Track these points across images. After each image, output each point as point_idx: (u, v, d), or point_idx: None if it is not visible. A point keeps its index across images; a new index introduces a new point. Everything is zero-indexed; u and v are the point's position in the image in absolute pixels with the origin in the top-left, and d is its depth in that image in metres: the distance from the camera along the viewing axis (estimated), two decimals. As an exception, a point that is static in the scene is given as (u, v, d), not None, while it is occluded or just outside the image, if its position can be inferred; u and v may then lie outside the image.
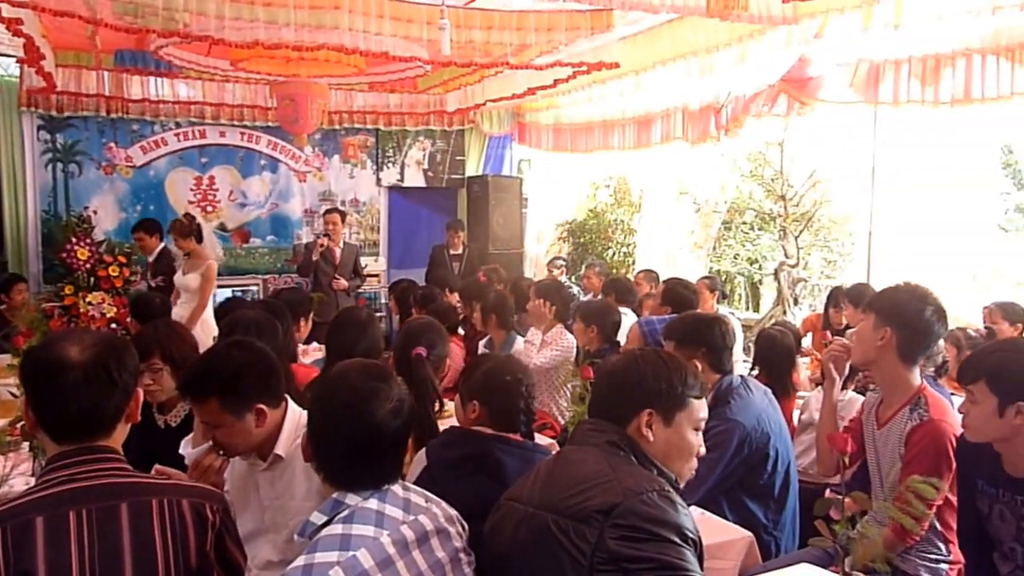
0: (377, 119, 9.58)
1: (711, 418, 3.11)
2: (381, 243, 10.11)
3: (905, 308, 2.74)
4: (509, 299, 5.58)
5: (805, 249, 8.28)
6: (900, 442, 2.73)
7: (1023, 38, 5.02)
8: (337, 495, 1.77)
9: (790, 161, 7.47)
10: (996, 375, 2.33)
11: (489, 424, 2.44)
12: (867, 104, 6.07)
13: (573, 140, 9.28)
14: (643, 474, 1.84)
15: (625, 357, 2.14)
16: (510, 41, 5.69)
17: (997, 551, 2.49)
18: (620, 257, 9.23)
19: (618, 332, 4.62)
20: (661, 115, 7.93)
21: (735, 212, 9.17)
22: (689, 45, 6.48)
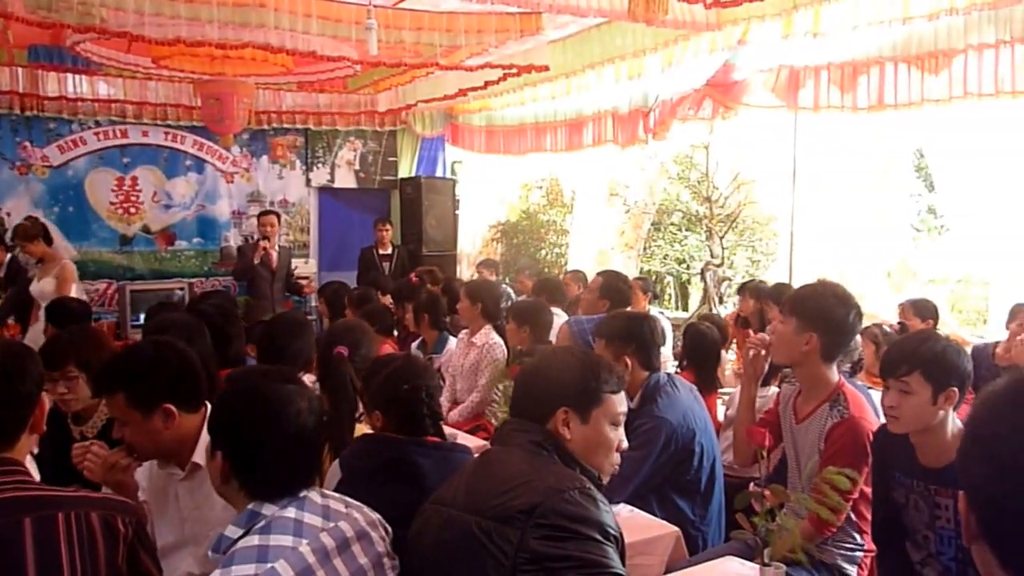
0: (307, 119, 9.46)
1: (639, 416, 3.19)
2: (311, 245, 9.96)
3: (830, 313, 2.80)
4: (441, 300, 5.59)
5: (730, 249, 8.46)
6: (820, 438, 2.80)
7: (932, 47, 5.20)
8: (253, 506, 1.72)
9: (716, 164, 7.62)
10: (931, 365, 2.40)
11: (395, 432, 2.42)
12: (788, 109, 6.23)
13: (506, 142, 9.30)
14: (565, 472, 1.85)
15: (539, 357, 2.17)
16: (440, 42, 5.69)
17: (910, 540, 2.58)
18: (553, 258, 9.29)
19: (550, 332, 4.65)
20: (592, 118, 8.01)
21: (664, 213, 9.33)
22: (617, 49, 6.57)
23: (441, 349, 5.35)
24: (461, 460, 2.31)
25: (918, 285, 6.44)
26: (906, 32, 5.31)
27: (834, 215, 6.71)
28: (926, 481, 2.47)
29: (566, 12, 4.90)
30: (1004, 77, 4.89)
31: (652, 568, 2.84)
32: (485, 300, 5.00)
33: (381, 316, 5.75)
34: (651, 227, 9.12)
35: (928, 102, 5.35)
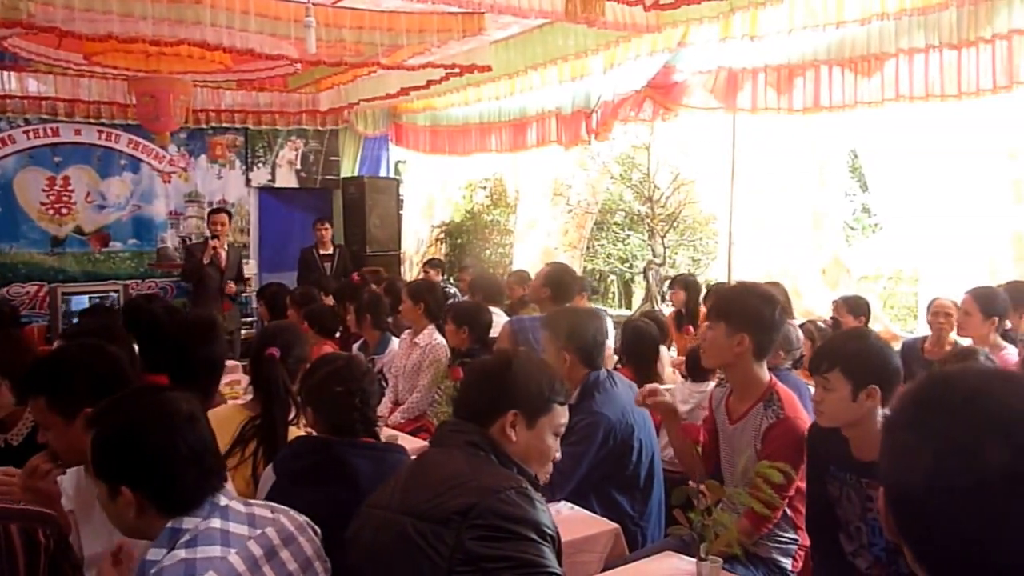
0: (246, 118, 9.32)
1: (577, 412, 3.20)
2: (252, 246, 9.81)
3: (758, 314, 2.84)
4: (384, 300, 5.54)
5: (672, 248, 8.57)
6: (756, 438, 2.83)
7: (865, 51, 5.33)
8: (172, 523, 1.67)
9: (657, 164, 7.71)
10: (850, 362, 2.46)
11: (327, 432, 2.41)
12: (727, 111, 6.33)
13: (451, 142, 9.27)
14: (502, 473, 1.85)
15: (498, 357, 2.16)
16: (381, 41, 5.65)
17: (843, 531, 2.63)
18: (497, 257, 9.30)
19: (489, 332, 4.65)
20: (536, 118, 8.03)
21: (607, 213, 9.41)
22: (560, 50, 6.60)
23: (383, 350, 5.31)
24: (396, 461, 2.30)
25: (852, 282, 6.59)
26: (840, 36, 5.43)
27: (771, 214, 6.83)
28: (859, 474, 2.52)
29: (507, 12, 4.91)
30: (933, 80, 5.03)
31: (591, 565, 2.85)
32: (427, 300, 4.98)
33: (324, 316, 5.69)
34: (594, 227, 9.19)
35: (861, 104, 5.48)
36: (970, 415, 1.09)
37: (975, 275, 5.38)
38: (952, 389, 1.14)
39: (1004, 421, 1.07)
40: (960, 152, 5.55)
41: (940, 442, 1.09)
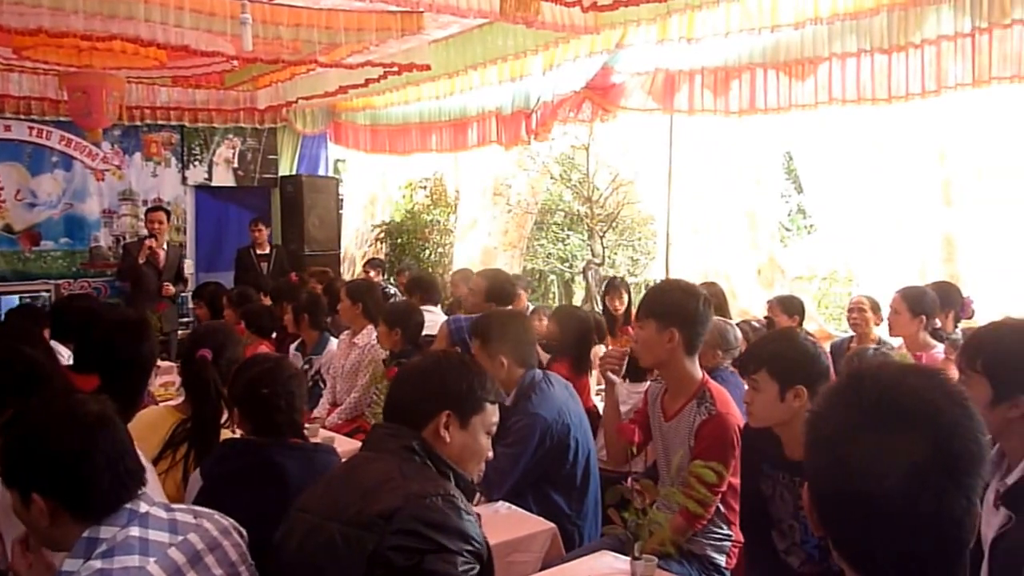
0: (182, 115, 9.15)
1: (514, 412, 3.22)
2: (188, 245, 9.61)
3: (684, 308, 2.88)
4: (322, 300, 5.48)
5: (611, 248, 8.64)
6: (690, 435, 2.87)
7: (799, 55, 5.44)
8: (88, 532, 1.62)
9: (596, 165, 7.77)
10: (775, 363, 2.51)
11: (255, 434, 2.38)
12: (664, 112, 6.41)
13: (391, 141, 9.22)
14: (432, 478, 1.83)
15: (426, 359, 2.15)
16: (319, 39, 5.60)
17: (776, 529, 2.67)
18: (436, 257, 9.27)
19: (421, 333, 4.62)
20: (476, 118, 8.02)
21: (546, 213, 9.45)
22: (499, 50, 6.61)
23: (321, 350, 5.25)
24: (325, 462, 2.28)
25: (786, 282, 6.72)
26: (775, 40, 5.54)
27: (708, 215, 6.94)
28: (791, 472, 2.56)
29: (446, 12, 4.90)
30: (865, 84, 5.15)
31: (528, 565, 2.86)
32: (366, 300, 4.94)
33: (260, 316, 5.62)
34: (534, 226, 9.22)
35: (795, 107, 5.60)
36: (886, 411, 1.12)
37: (906, 275, 5.54)
38: (870, 386, 1.17)
39: (921, 416, 1.11)
40: (892, 155, 5.71)
41: (858, 439, 1.12)
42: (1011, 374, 1.97)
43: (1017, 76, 4.44)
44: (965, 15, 4.59)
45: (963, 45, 4.61)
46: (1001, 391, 1.97)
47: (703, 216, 6.96)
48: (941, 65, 4.73)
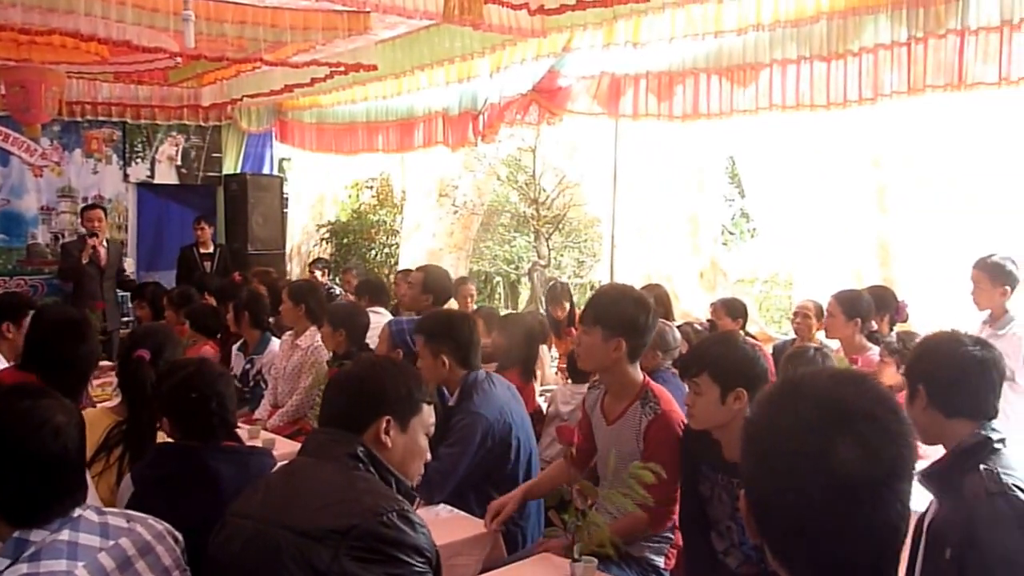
0: (124, 111, 8.99)
1: (456, 412, 3.22)
2: (129, 243, 9.43)
3: (632, 318, 2.88)
4: (264, 298, 5.41)
5: (557, 250, 8.69)
6: (638, 437, 2.87)
7: (742, 61, 5.53)
8: (19, 533, 1.58)
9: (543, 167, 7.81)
10: (717, 366, 2.54)
11: (185, 439, 2.34)
12: (610, 116, 6.46)
13: (337, 140, 9.15)
14: (382, 492, 1.81)
15: (361, 364, 2.13)
16: (264, 37, 5.54)
17: (715, 531, 2.71)
18: (382, 258, 9.22)
19: (366, 334, 4.59)
20: (423, 119, 8.01)
21: (493, 214, 9.46)
22: (446, 51, 6.60)
23: (263, 350, 5.17)
24: (261, 465, 2.25)
25: (728, 285, 6.82)
26: (718, 45, 5.62)
27: (652, 218, 7.01)
28: (729, 475, 2.60)
29: (392, 12, 4.89)
30: (804, 91, 5.25)
31: (469, 568, 2.85)
32: (308, 301, 4.87)
33: (205, 316, 5.55)
34: (480, 228, 9.22)
35: (737, 112, 5.68)
36: (821, 417, 1.13)
37: (843, 279, 5.67)
38: (805, 393, 1.18)
39: (854, 422, 1.12)
40: (830, 161, 5.83)
41: (793, 444, 1.12)
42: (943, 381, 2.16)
43: (951, 85, 4.57)
44: (901, 25, 4.71)
45: (899, 54, 4.73)
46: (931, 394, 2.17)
47: (647, 219, 7.03)
48: (878, 73, 4.84)
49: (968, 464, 2.01)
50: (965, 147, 5.12)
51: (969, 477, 1.97)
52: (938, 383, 2.14)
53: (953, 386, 2.13)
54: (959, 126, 5.10)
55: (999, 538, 1.84)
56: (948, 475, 2.04)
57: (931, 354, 2.22)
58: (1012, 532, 1.85)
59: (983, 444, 2.04)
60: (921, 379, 2.17)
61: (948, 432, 2.12)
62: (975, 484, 1.94)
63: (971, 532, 1.87)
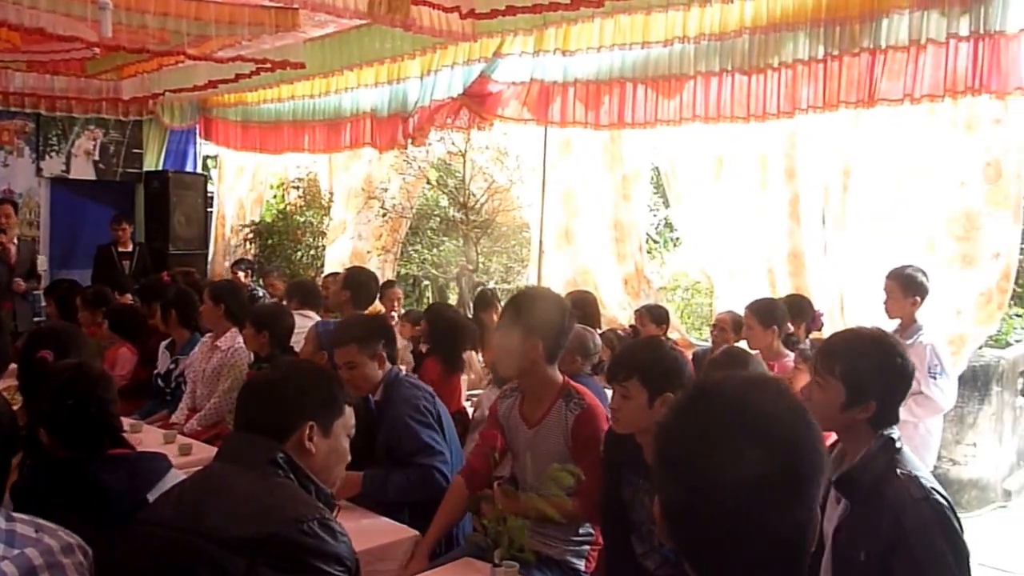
0: (38, 102, 8.71)
1: (387, 404, 3.18)
2: (42, 240, 9.10)
3: (549, 319, 2.90)
4: (193, 296, 5.27)
5: (485, 255, 8.69)
6: (565, 435, 2.87)
7: (667, 72, 5.62)
8: None
9: (472, 171, 7.80)
10: (647, 371, 2.56)
11: (65, 450, 2.20)
12: (539, 123, 6.50)
13: (262, 139, 9.01)
14: (303, 500, 1.77)
15: (280, 369, 2.07)
16: (188, 30, 5.42)
17: (636, 534, 2.73)
18: (308, 260, 9.08)
19: (290, 336, 4.51)
20: (351, 119, 7.93)
21: (422, 218, 9.41)
22: (376, 52, 6.57)
23: (189, 350, 5.01)
24: (156, 470, 2.16)
25: (652, 292, 6.92)
26: (645, 56, 5.70)
27: (579, 225, 7.08)
28: (651, 479, 2.62)
29: (320, 10, 4.85)
30: (726, 103, 5.37)
31: (390, 574, 2.82)
32: (228, 301, 4.76)
33: (124, 316, 5.39)
34: (409, 231, 9.17)
35: (662, 123, 5.78)
36: (732, 425, 1.14)
37: (760, 288, 5.81)
38: (715, 400, 1.19)
39: (762, 428, 1.13)
40: (747, 172, 5.98)
41: (702, 450, 1.13)
42: (865, 381, 2.11)
43: (862, 101, 4.74)
44: (819, 42, 4.87)
45: (816, 70, 4.88)
46: (854, 396, 2.11)
47: (574, 226, 7.09)
48: (796, 88, 4.99)
49: (879, 464, 2.06)
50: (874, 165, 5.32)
51: (890, 484, 2.01)
52: (890, 398, 2.14)
53: (899, 400, 2.17)
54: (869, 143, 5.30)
55: (928, 542, 1.90)
56: (860, 478, 2.07)
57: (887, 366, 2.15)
58: (938, 535, 1.91)
59: (889, 444, 2.10)
60: (875, 394, 2.12)
61: (861, 436, 2.13)
62: (898, 490, 1.98)
63: (898, 538, 1.91)
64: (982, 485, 6.17)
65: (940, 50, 4.39)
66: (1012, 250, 4.98)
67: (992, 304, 5.02)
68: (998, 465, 6.29)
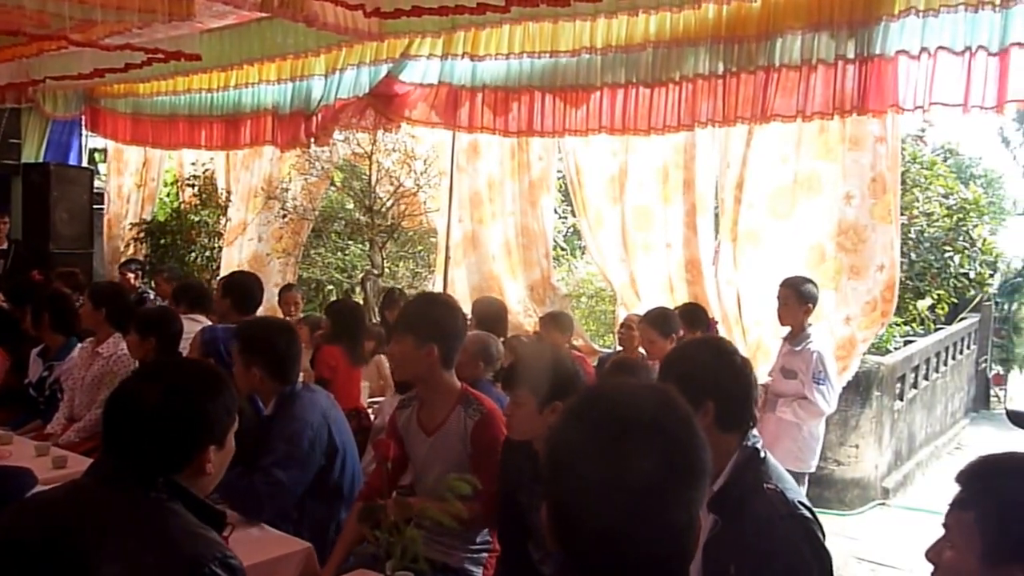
0: None
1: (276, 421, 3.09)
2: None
3: (445, 323, 2.89)
4: (69, 298, 4.98)
5: (392, 260, 8.58)
6: (464, 441, 2.85)
7: (575, 81, 5.64)
8: None
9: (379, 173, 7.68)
10: (536, 379, 2.59)
11: None
12: (446, 127, 6.43)
13: (155, 133, 8.64)
14: (199, 534, 1.67)
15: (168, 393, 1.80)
16: (71, 14, 5.09)
17: (532, 540, 2.72)
18: (203, 262, 8.75)
19: (179, 342, 4.30)
20: (251, 116, 7.66)
21: (326, 220, 9.20)
22: (278, 47, 6.39)
23: (64, 356, 4.72)
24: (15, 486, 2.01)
25: (558, 299, 6.96)
26: (553, 65, 5.71)
27: (487, 231, 7.06)
28: (546, 484, 2.62)
29: (217, 0, 4.64)
30: (630, 115, 5.43)
31: (282, 588, 2.73)
32: (110, 305, 4.50)
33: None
34: (312, 234, 8.95)
35: (569, 132, 5.82)
36: (617, 430, 1.16)
37: (660, 296, 5.92)
38: (602, 406, 1.22)
39: (648, 434, 1.16)
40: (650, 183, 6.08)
41: (591, 457, 1.15)
42: (698, 384, 2.09)
43: (757, 117, 4.89)
44: (718, 58, 4.98)
45: (715, 85, 5.00)
46: (692, 400, 2.07)
47: (481, 232, 7.07)
48: (696, 102, 5.08)
49: (747, 479, 2.07)
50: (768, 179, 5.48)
51: (755, 498, 2.02)
52: (730, 399, 2.12)
53: (743, 400, 2.15)
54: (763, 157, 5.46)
55: (796, 558, 1.93)
56: (730, 494, 2.07)
57: (720, 368, 2.16)
58: (804, 550, 1.95)
59: (754, 455, 2.11)
60: (710, 395, 2.09)
61: (721, 446, 2.09)
62: (765, 506, 2.00)
63: (766, 553, 1.93)
64: (863, 484, 6.46)
65: (830, 70, 4.57)
66: (895, 261, 5.24)
67: (877, 312, 5.26)
68: (878, 465, 6.61)
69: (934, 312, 9.63)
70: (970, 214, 9.63)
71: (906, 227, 9.08)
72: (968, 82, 4.03)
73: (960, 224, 9.47)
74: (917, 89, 4.23)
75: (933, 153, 11.05)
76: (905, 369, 7.57)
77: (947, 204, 9.47)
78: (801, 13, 4.63)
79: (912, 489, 7.24)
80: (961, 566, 1.46)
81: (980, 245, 9.88)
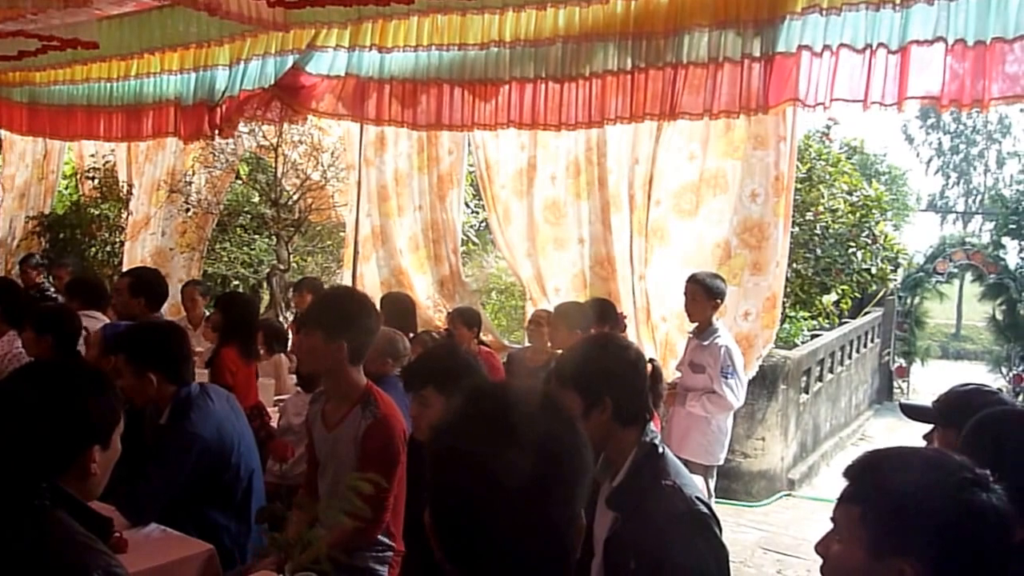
0: None
1: (170, 431, 3.01)
2: None
3: (356, 319, 2.85)
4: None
5: (300, 254, 8.44)
6: (356, 442, 2.82)
7: (483, 75, 5.62)
8: None
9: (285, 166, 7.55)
10: (441, 378, 2.59)
11: None
12: (353, 120, 6.35)
13: (52, 123, 8.27)
14: (82, 543, 1.60)
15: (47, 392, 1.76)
16: (-42, -2, 4.86)
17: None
18: (104, 257, 8.44)
19: (78, 340, 4.15)
20: (153, 107, 7.39)
21: (231, 214, 8.99)
22: (180, 36, 6.21)
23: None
24: None
25: (467, 294, 6.95)
26: (462, 57, 5.68)
27: (396, 225, 7.01)
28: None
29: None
30: (539, 110, 5.44)
31: (183, 593, 2.67)
32: (4, 301, 4.32)
33: None
34: (216, 228, 8.73)
35: (478, 126, 5.79)
36: (498, 430, 1.16)
37: (570, 291, 5.97)
38: (481, 406, 1.23)
39: (529, 434, 1.16)
40: (562, 178, 6.13)
41: (473, 455, 1.16)
42: (595, 382, 2.12)
43: (665, 114, 4.94)
44: (627, 54, 5.01)
45: (624, 81, 5.03)
46: (589, 399, 2.11)
47: (390, 226, 7.01)
48: (605, 97, 5.12)
49: (645, 475, 2.09)
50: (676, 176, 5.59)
51: (654, 494, 2.05)
52: (626, 394, 2.14)
53: (639, 394, 2.17)
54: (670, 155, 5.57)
55: (694, 554, 1.96)
56: (629, 490, 2.10)
57: (614, 364, 2.17)
58: (701, 546, 1.98)
59: (652, 451, 2.13)
60: (607, 391, 2.11)
61: (622, 441, 2.13)
62: (664, 503, 2.03)
63: (665, 549, 1.96)
64: (770, 476, 6.66)
65: (736, 68, 4.63)
66: (786, 257, 5.42)
67: (776, 308, 5.41)
68: (784, 457, 6.82)
69: (839, 307, 9.99)
70: (873, 211, 10.02)
71: (811, 223, 9.42)
72: (868, 79, 4.11)
73: (864, 220, 9.85)
74: (819, 85, 4.29)
75: (838, 151, 11.44)
76: (811, 363, 7.82)
77: (851, 201, 9.83)
78: (708, 10, 4.65)
79: (817, 480, 7.50)
80: (848, 559, 1.49)
81: (883, 241, 10.31)
